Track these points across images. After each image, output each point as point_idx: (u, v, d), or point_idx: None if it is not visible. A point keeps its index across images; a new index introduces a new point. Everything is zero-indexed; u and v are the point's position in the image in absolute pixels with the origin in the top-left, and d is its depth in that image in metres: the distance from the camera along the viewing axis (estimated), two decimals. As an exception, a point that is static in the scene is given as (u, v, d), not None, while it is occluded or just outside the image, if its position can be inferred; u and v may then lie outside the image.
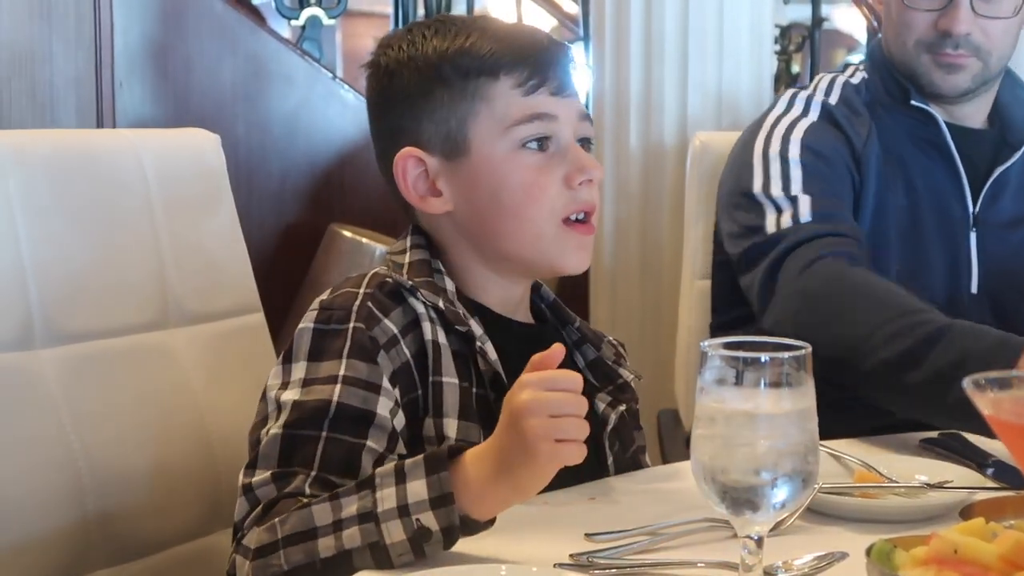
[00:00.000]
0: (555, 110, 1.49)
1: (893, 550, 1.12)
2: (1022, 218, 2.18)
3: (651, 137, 3.18)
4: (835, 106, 2.17)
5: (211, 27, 3.45)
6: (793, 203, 2.04)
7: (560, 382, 1.23)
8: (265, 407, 1.40)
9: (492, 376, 1.45)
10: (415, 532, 1.22)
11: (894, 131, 2.16)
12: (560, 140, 1.50)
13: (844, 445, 1.63)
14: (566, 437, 1.21)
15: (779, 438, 1.07)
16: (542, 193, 1.48)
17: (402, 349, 1.41)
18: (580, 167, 1.49)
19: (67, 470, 1.55)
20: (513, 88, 1.48)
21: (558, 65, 1.51)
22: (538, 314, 1.60)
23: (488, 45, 1.49)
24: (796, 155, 2.09)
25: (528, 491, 1.24)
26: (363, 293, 1.43)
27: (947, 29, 2.11)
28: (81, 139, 1.80)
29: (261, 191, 3.52)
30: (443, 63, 1.49)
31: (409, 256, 1.51)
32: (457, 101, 1.49)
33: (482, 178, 1.49)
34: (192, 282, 1.75)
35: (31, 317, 1.55)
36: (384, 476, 1.25)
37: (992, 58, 2.14)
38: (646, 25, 3.18)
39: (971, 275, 2.12)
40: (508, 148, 1.48)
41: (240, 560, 1.28)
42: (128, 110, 3.20)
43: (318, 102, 3.59)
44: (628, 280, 3.21)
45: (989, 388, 1.03)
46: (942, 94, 2.16)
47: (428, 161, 1.50)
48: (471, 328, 1.45)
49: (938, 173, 2.15)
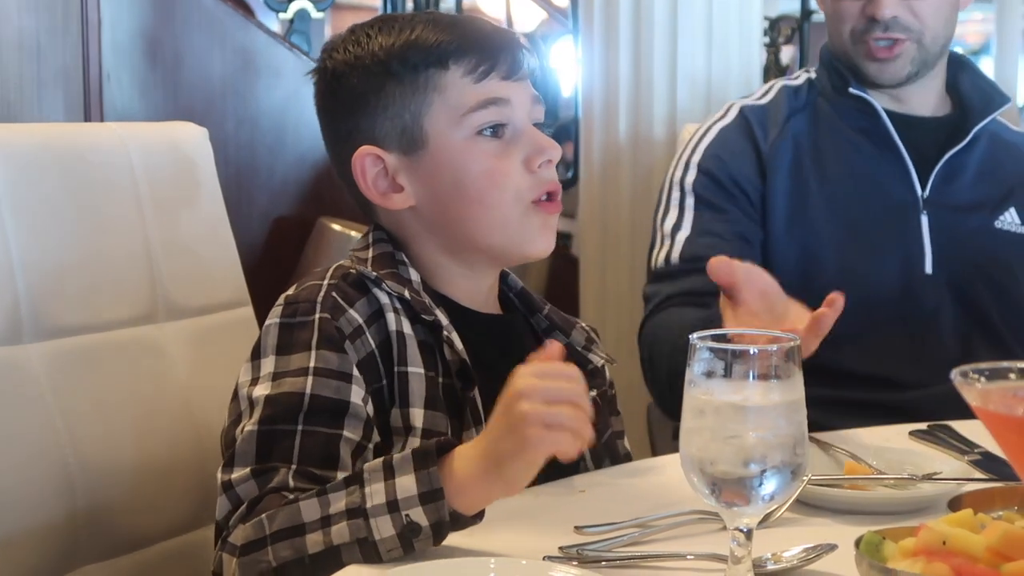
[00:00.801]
0: (508, 94, 1.49)
1: (882, 542, 1.13)
2: (981, 203, 2.22)
3: (640, 129, 3.19)
4: (753, 109, 2.27)
5: (199, 20, 3.45)
6: (671, 240, 2.18)
7: (558, 372, 1.23)
8: (237, 406, 1.40)
9: (459, 365, 1.45)
10: (404, 527, 1.21)
11: (834, 121, 2.24)
12: (516, 124, 1.50)
13: (833, 437, 1.63)
14: (558, 424, 1.19)
15: (768, 430, 1.08)
16: (504, 179, 1.48)
17: (367, 339, 1.42)
18: (538, 149, 1.49)
19: (56, 465, 1.55)
20: (464, 76, 1.48)
21: (507, 49, 1.51)
22: (506, 303, 1.60)
23: (434, 36, 1.49)
24: (691, 182, 2.22)
25: (516, 483, 1.23)
26: (327, 284, 1.43)
27: (873, 14, 2.18)
28: (69, 133, 1.79)
29: (250, 184, 3.51)
30: (391, 59, 1.49)
31: (372, 251, 1.51)
32: (409, 95, 1.49)
33: (443, 169, 1.49)
34: (181, 276, 1.74)
35: (19, 311, 1.55)
36: (372, 471, 1.24)
37: (926, 37, 2.20)
38: (635, 17, 3.18)
39: (924, 256, 2.16)
40: (464, 136, 1.48)
41: (227, 558, 1.27)
42: (116, 104, 3.19)
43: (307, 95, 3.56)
44: (617, 272, 3.22)
45: (977, 380, 1.03)
46: (883, 84, 2.23)
47: (386, 158, 1.50)
48: (437, 317, 1.45)
49: (879, 159, 2.21)
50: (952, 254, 2.16)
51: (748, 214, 2.17)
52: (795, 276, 2.12)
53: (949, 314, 2.15)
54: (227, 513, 1.31)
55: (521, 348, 1.36)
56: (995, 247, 2.19)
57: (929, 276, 2.15)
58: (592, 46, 3.28)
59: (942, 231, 2.17)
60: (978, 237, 2.19)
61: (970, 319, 2.16)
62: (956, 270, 2.16)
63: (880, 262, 2.14)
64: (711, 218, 2.17)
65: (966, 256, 2.17)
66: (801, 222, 2.16)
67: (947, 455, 1.60)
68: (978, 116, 2.23)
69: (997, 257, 2.19)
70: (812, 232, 2.15)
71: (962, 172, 2.21)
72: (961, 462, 1.56)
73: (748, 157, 2.20)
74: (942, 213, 2.18)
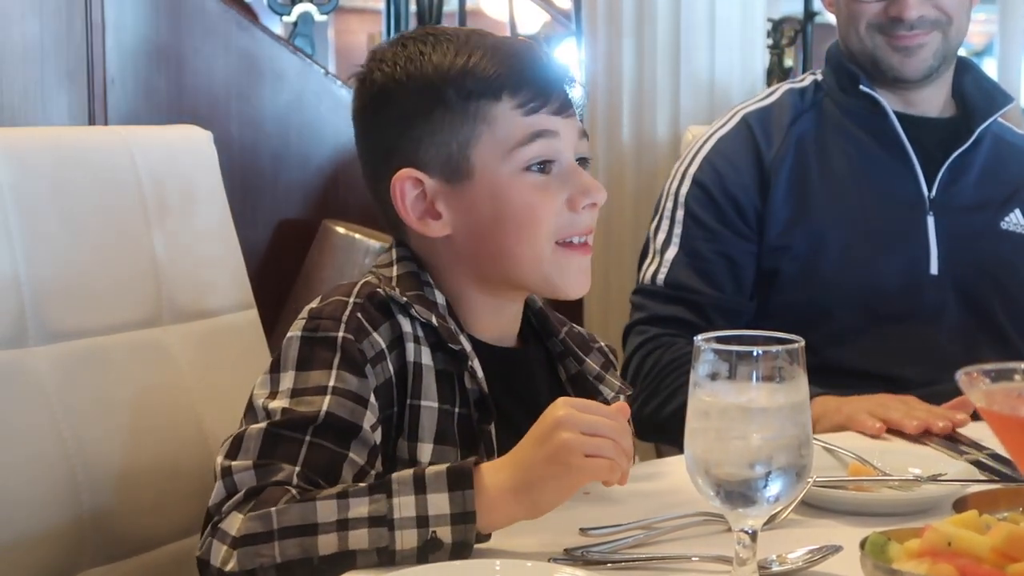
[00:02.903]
0: (557, 127, 1.46)
1: (887, 543, 1.13)
2: (986, 203, 2.22)
3: (643, 131, 3.19)
4: (756, 113, 2.26)
5: (203, 24, 3.45)
6: (660, 258, 2.20)
7: (598, 408, 1.26)
8: (253, 416, 1.37)
9: (477, 396, 1.43)
10: (427, 542, 1.21)
11: (841, 121, 2.23)
12: (562, 161, 1.47)
13: (837, 438, 1.63)
14: (598, 453, 1.22)
15: (773, 432, 1.08)
16: (545, 214, 1.45)
17: (387, 365, 1.39)
18: (584, 190, 1.47)
19: (61, 467, 1.55)
20: (515, 108, 1.45)
21: (559, 83, 1.48)
22: (523, 329, 1.57)
23: (493, 67, 1.45)
24: (684, 194, 2.23)
25: (544, 508, 1.25)
26: (352, 303, 1.40)
27: (898, 15, 2.16)
28: (73, 136, 1.79)
29: (254, 188, 3.52)
30: (445, 85, 1.45)
31: (397, 268, 1.48)
32: (459, 124, 1.45)
33: (485, 201, 1.45)
34: (185, 279, 1.74)
35: (24, 314, 1.55)
36: (401, 483, 1.24)
37: (951, 30, 2.19)
38: (638, 19, 3.18)
39: (929, 257, 2.15)
40: (511, 170, 1.45)
41: (217, 544, 1.25)
42: (120, 107, 3.19)
43: (311, 98, 3.59)
44: (620, 273, 3.21)
45: (981, 380, 1.04)
46: (905, 78, 2.20)
47: (427, 183, 1.46)
48: (463, 345, 1.43)
49: (886, 159, 2.21)
50: (958, 255, 2.16)
51: (738, 230, 2.17)
52: (799, 275, 2.13)
53: (954, 314, 2.15)
54: (221, 499, 1.29)
55: (535, 380, 1.34)
56: (1000, 248, 2.20)
57: (935, 276, 2.15)
58: (595, 48, 3.28)
59: (948, 232, 2.17)
60: (983, 238, 2.19)
61: (975, 319, 2.16)
62: (961, 271, 2.16)
63: (886, 262, 2.14)
64: (698, 236, 2.19)
65: (972, 257, 2.17)
66: (806, 221, 2.16)
67: (952, 456, 1.60)
68: (982, 116, 2.23)
69: (1002, 258, 2.19)
70: (817, 231, 2.15)
71: (966, 173, 2.22)
72: (966, 463, 1.55)
73: (747, 167, 2.20)
74: (948, 213, 2.18)
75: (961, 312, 2.15)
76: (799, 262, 2.14)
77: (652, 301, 2.18)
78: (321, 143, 3.60)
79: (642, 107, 3.19)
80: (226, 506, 1.28)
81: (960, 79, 2.28)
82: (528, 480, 1.23)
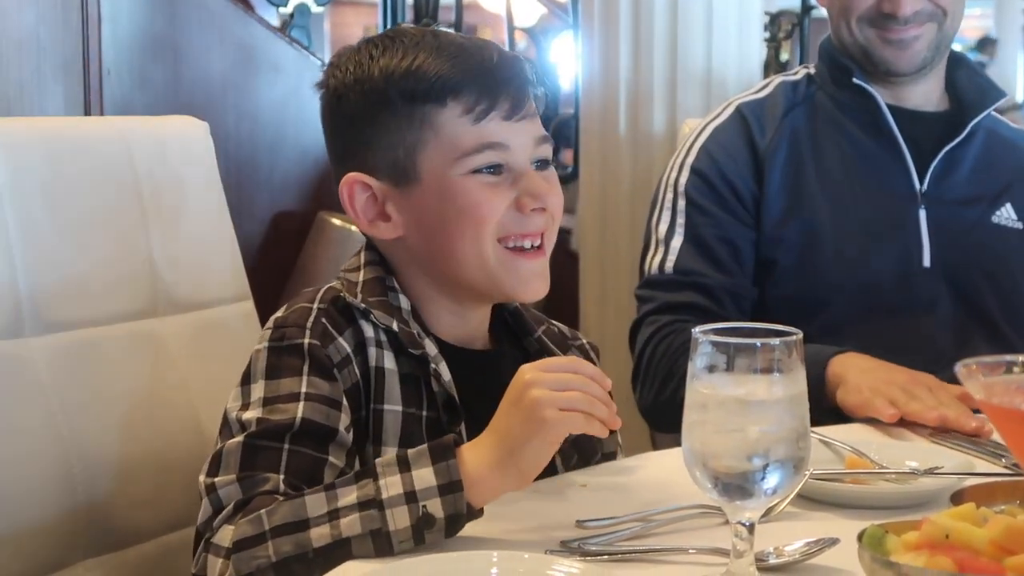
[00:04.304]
0: (507, 138, 1.43)
1: (885, 535, 1.12)
2: (978, 197, 2.22)
3: (640, 125, 3.18)
4: (750, 104, 2.26)
5: (199, 15, 3.44)
6: (665, 248, 2.18)
7: (562, 366, 1.27)
8: (228, 431, 1.37)
9: (445, 399, 1.43)
10: (420, 519, 1.22)
11: (833, 114, 2.23)
12: (514, 166, 1.44)
13: (835, 431, 1.63)
14: (570, 406, 1.23)
15: (770, 424, 1.08)
16: (489, 212, 1.42)
17: (353, 370, 1.40)
18: (533, 193, 1.43)
19: (57, 459, 1.55)
20: (462, 115, 1.42)
21: (510, 85, 1.43)
22: (497, 331, 1.56)
23: (435, 67, 1.42)
24: (683, 184, 2.22)
25: (530, 471, 1.26)
26: (316, 308, 1.40)
27: (892, 12, 2.15)
28: (69, 127, 1.79)
29: (250, 179, 3.51)
30: (389, 87, 1.43)
31: (363, 274, 1.47)
32: (404, 128, 1.43)
33: (432, 203, 1.43)
34: (181, 270, 1.74)
35: (20, 305, 1.55)
36: (386, 465, 1.25)
37: (946, 20, 2.18)
38: (635, 12, 3.18)
39: (922, 250, 2.16)
40: (459, 174, 1.43)
41: (212, 559, 1.26)
42: (116, 98, 3.19)
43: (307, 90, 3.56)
44: (617, 267, 3.21)
45: (980, 373, 1.03)
46: (897, 71, 2.20)
47: (375, 186, 1.46)
48: (425, 350, 1.42)
49: (878, 152, 2.21)
50: (949, 248, 2.16)
51: (738, 216, 2.17)
52: (794, 267, 2.13)
53: (946, 307, 2.15)
54: (209, 516, 1.30)
55: (507, 381, 1.33)
56: (992, 241, 2.20)
57: (927, 269, 2.15)
58: (592, 41, 3.28)
59: (940, 225, 2.17)
60: (975, 231, 2.20)
61: (967, 312, 2.16)
62: (953, 264, 2.16)
63: (878, 254, 2.15)
64: (702, 223, 2.18)
65: (963, 250, 2.17)
66: (799, 214, 2.16)
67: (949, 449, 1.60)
68: (975, 110, 2.23)
69: (994, 251, 2.20)
70: (810, 224, 2.15)
71: (959, 167, 2.22)
72: (963, 455, 1.55)
73: (743, 155, 2.20)
74: (940, 207, 2.18)
75: (954, 304, 2.15)
76: (794, 254, 2.14)
77: (661, 290, 2.17)
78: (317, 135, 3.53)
79: (638, 100, 3.19)
80: (216, 521, 1.28)
81: (953, 73, 2.28)
82: (509, 447, 1.24)
